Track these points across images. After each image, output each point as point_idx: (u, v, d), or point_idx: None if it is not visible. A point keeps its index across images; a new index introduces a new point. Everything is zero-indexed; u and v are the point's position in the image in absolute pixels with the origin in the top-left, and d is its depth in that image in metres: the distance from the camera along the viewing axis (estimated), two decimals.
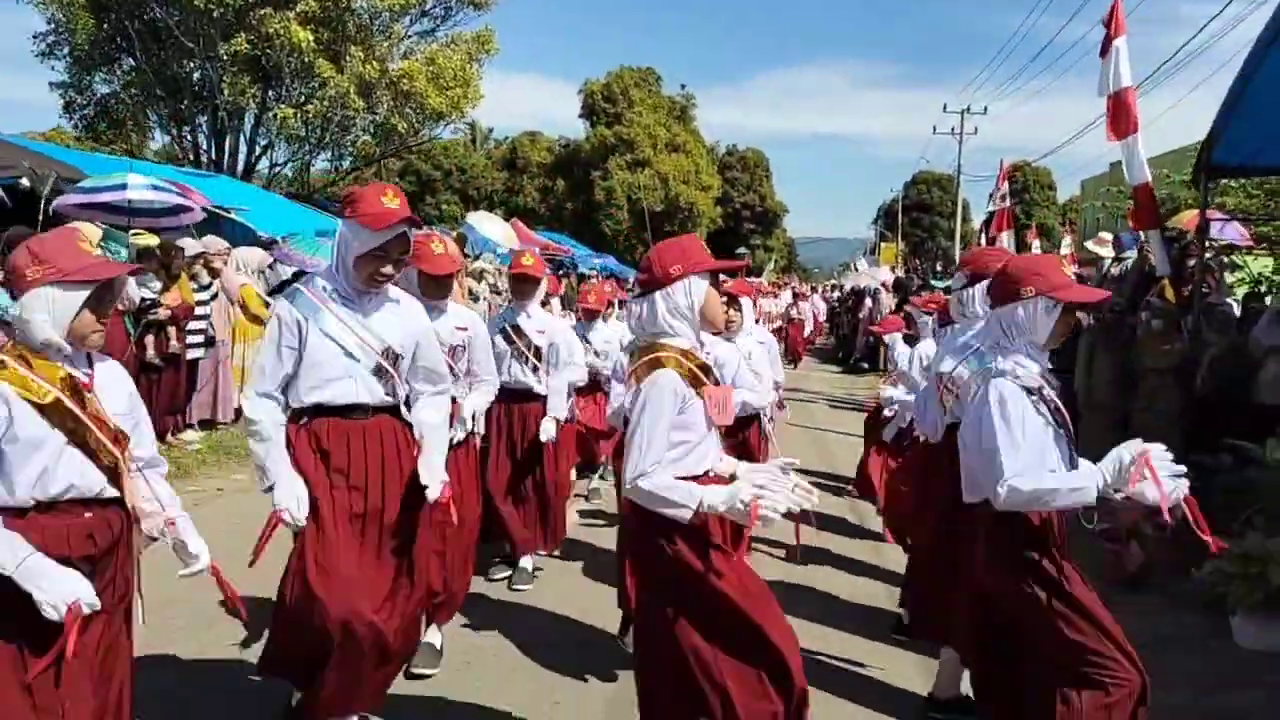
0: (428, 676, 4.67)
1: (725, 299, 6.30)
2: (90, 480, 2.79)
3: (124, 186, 9.29)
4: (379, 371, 3.67)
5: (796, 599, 5.83)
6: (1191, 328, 9.17)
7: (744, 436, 6.10)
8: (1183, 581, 6.09)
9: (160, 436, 9.12)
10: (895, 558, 6.57)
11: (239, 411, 10.63)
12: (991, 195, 17.19)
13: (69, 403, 2.75)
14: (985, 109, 43.13)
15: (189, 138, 22.23)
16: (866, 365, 22.32)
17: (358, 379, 3.64)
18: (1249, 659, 5.25)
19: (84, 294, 2.75)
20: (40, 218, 9.42)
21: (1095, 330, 9.51)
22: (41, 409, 2.71)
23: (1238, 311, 10.16)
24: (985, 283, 3.72)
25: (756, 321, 8.49)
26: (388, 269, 3.64)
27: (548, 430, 5.92)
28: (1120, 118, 9.56)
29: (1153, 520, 6.47)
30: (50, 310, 2.72)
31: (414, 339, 3.80)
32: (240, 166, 22.00)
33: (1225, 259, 15.57)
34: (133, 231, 9.45)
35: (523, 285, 6.15)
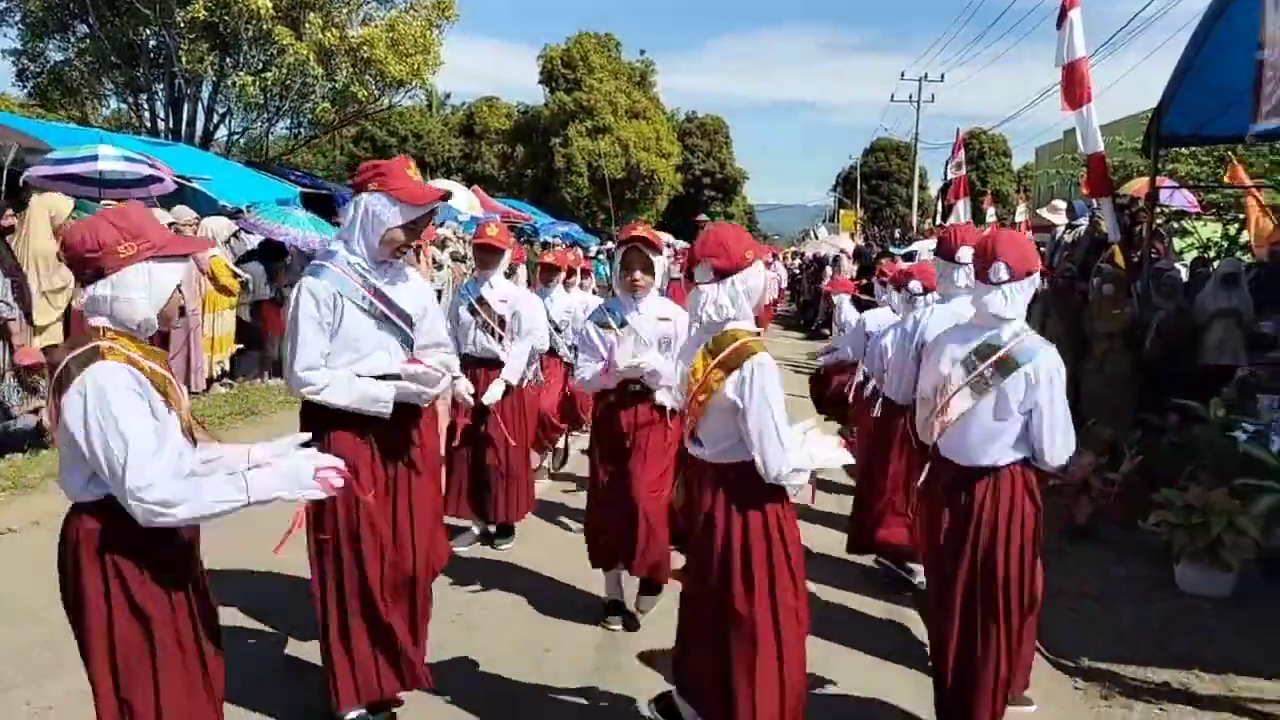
0: None
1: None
2: (195, 464, 2.72)
3: (95, 158, 9.26)
4: (405, 340, 3.76)
5: None
6: (1140, 293, 9.50)
7: None
8: (1130, 532, 6.43)
9: None
10: None
11: (210, 381, 10.75)
12: (948, 163, 17.49)
13: (176, 386, 2.70)
14: (942, 76, 43.76)
15: (145, 106, 21.92)
16: (829, 331, 22.62)
17: (389, 349, 3.70)
18: (1192, 604, 5.58)
19: (180, 268, 2.68)
20: (2, 187, 9.38)
21: (1048, 295, 9.81)
22: (161, 392, 2.62)
23: (1185, 276, 10.49)
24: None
25: None
26: (413, 241, 3.76)
27: (493, 393, 5.94)
28: (1074, 88, 9.82)
29: (1101, 475, 6.86)
30: (149, 287, 2.60)
31: (425, 307, 3.90)
32: (198, 135, 21.75)
33: (1175, 225, 16.01)
34: (104, 203, 9.44)
35: (487, 255, 6.18)
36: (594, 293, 10.03)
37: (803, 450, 3.24)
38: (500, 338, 6.11)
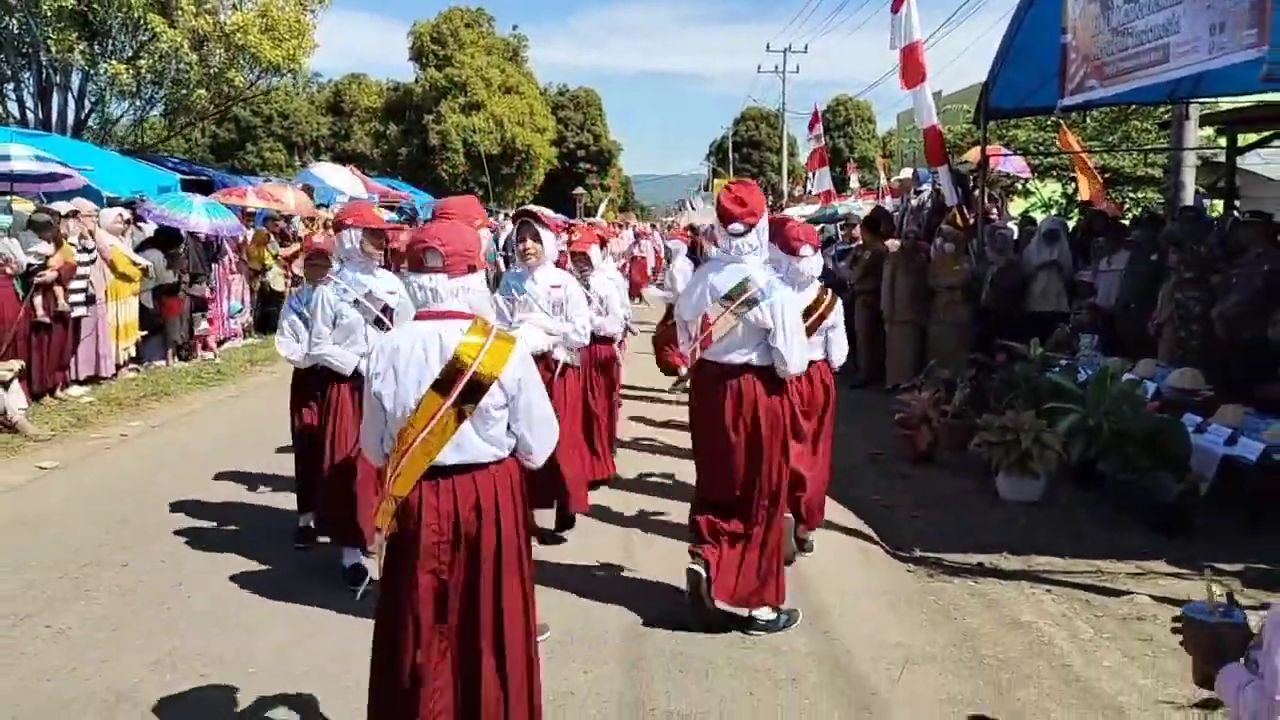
0: None
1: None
2: None
3: (8, 158, 9.59)
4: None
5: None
6: (977, 250, 10.71)
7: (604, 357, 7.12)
8: (962, 455, 7.56)
9: (50, 392, 9.66)
10: None
11: (119, 367, 11.14)
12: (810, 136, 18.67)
13: None
14: (806, 47, 45.34)
15: (11, 95, 21.53)
16: None
17: None
18: (1007, 507, 6.69)
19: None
20: None
21: (896, 254, 10.94)
22: None
23: (1015, 234, 11.76)
24: None
25: (604, 260, 9.40)
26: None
27: None
28: (911, 69, 10.98)
29: (939, 409, 7.99)
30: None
31: None
32: (70, 124, 21.47)
33: (1019, 186, 17.48)
34: (13, 197, 9.77)
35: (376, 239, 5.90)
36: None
37: None
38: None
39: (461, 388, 2.99)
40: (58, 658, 4.39)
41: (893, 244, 11.25)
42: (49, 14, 18.80)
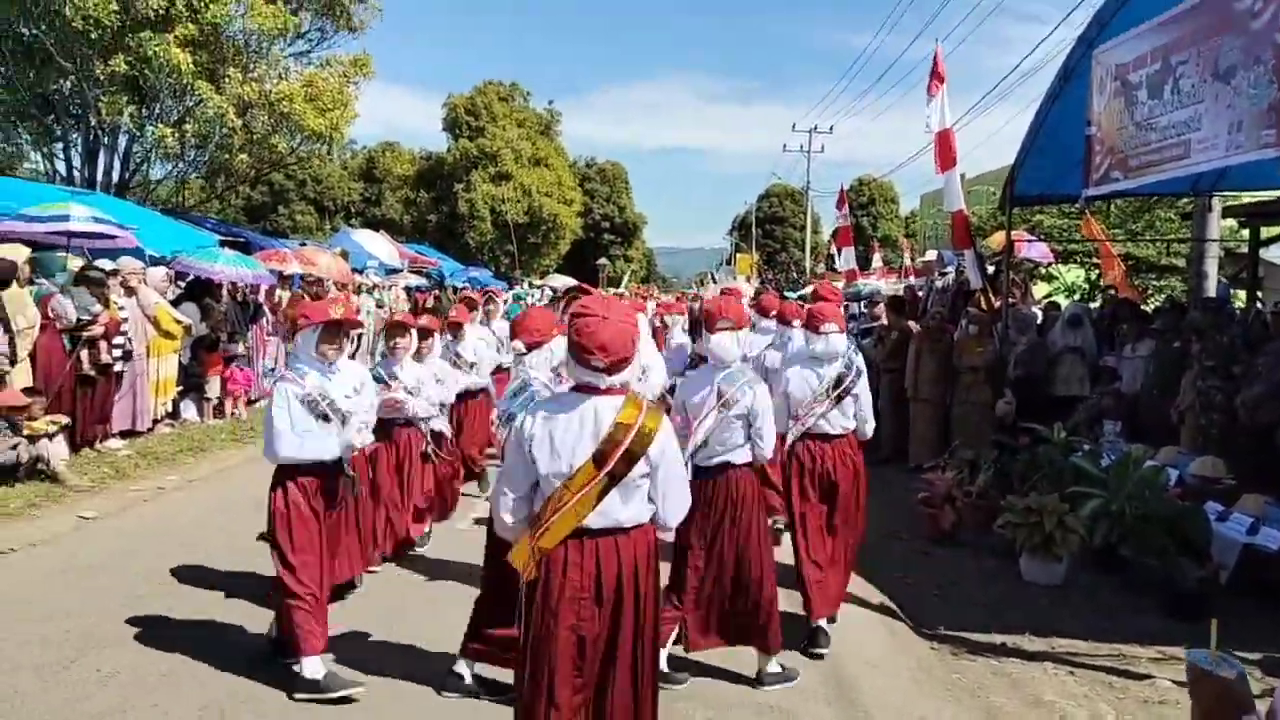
0: None
1: None
2: None
3: (67, 218, 9.96)
4: None
5: None
6: (1001, 333, 10.89)
7: None
8: (985, 535, 7.65)
9: (89, 444, 9.89)
10: None
11: (156, 421, 11.39)
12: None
13: None
14: (831, 128, 46.13)
15: (60, 155, 22.17)
16: None
17: None
18: (1030, 588, 6.79)
19: None
20: None
21: (921, 335, 11.12)
22: None
23: (1040, 318, 11.96)
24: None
25: None
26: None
27: None
28: (943, 154, 11.27)
29: (963, 489, 8.10)
30: None
31: None
32: (114, 183, 22.05)
33: (1043, 269, 17.72)
34: (69, 254, 10.12)
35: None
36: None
37: None
38: None
39: (616, 459, 3.24)
40: (110, 700, 4.55)
41: (914, 325, 11.44)
42: (102, 78, 19.43)
